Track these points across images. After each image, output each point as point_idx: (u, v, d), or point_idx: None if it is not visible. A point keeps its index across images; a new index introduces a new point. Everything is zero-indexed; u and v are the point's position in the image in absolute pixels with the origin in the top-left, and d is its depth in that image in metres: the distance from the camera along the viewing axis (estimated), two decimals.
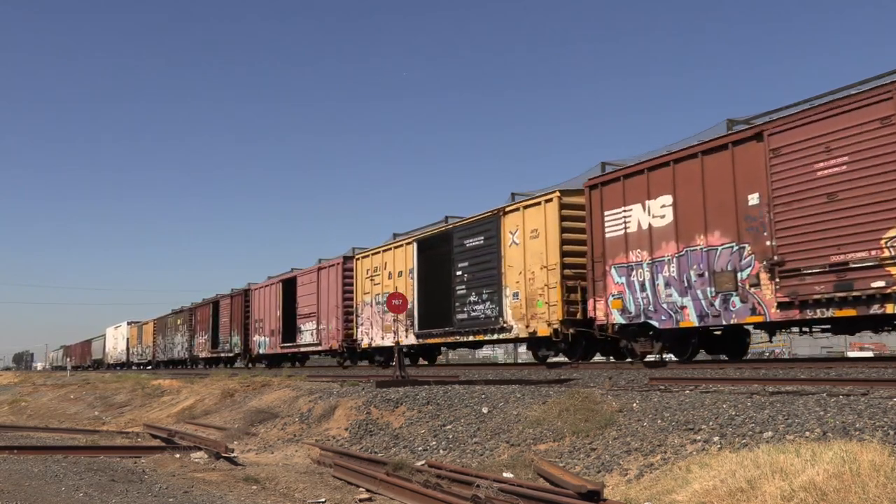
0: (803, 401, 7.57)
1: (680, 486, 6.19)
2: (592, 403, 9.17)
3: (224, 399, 18.33)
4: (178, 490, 8.49)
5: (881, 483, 5.20)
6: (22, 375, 66.99)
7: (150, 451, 11.62)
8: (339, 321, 26.85)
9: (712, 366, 14.23)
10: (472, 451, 9.28)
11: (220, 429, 14.83)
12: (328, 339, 27.75)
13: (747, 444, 6.72)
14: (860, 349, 45.82)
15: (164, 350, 52.91)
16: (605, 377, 12.75)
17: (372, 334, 25.07)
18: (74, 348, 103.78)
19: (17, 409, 28.55)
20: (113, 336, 73.36)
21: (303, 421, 13.45)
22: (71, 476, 9.06)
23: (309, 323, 29.38)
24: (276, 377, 18.83)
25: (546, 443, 8.66)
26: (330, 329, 27.64)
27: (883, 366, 11.23)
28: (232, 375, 22.40)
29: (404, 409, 11.69)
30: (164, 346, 52.79)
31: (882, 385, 8.28)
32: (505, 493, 6.70)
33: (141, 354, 60.45)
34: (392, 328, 23.19)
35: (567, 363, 17.45)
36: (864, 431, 6.32)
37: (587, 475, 7.39)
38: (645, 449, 7.53)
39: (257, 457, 11.55)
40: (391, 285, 23.41)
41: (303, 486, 8.81)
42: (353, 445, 11.12)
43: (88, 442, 13.47)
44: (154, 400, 22.91)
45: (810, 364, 12.87)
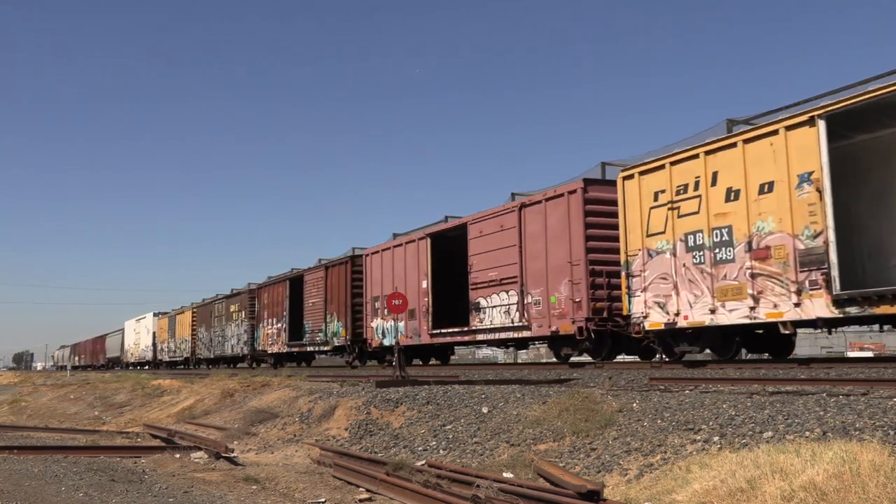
0: (803, 401, 7.57)
1: (680, 486, 6.19)
2: (592, 403, 9.17)
3: (224, 399, 18.33)
4: (178, 490, 8.49)
5: (881, 483, 5.20)
6: (22, 375, 65.40)
7: (150, 451, 11.62)
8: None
9: (712, 366, 14.23)
10: (472, 451, 9.28)
11: (220, 429, 14.84)
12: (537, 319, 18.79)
13: (747, 444, 6.72)
14: (860, 349, 45.84)
15: (209, 345, 42.99)
16: (604, 377, 12.75)
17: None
18: (83, 346, 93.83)
19: (17, 409, 28.56)
20: (134, 330, 62.71)
21: (303, 421, 13.45)
22: (71, 476, 9.06)
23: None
24: (276, 377, 18.84)
25: (546, 443, 8.66)
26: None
27: (883, 366, 11.23)
28: (232, 375, 22.40)
29: (404, 409, 11.69)
30: (210, 340, 42.68)
31: (882, 385, 8.28)
32: (505, 493, 6.70)
33: (174, 351, 50.48)
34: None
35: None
36: (864, 431, 6.32)
37: (587, 475, 7.39)
38: (645, 449, 7.54)
39: (257, 457, 11.55)
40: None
41: (303, 486, 8.81)
42: (353, 445, 11.12)
43: (88, 442, 13.47)
44: (154, 400, 22.92)
45: (810, 364, 12.87)
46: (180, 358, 48.85)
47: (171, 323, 51.83)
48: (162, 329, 54.47)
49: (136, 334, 61.90)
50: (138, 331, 61.37)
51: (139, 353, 60.11)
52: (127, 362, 64.06)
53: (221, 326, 41.16)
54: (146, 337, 57.87)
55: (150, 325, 56.95)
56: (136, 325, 62.40)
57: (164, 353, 53.33)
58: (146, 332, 58.06)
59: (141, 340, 59.84)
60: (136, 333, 61.97)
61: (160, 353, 54.44)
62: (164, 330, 54.06)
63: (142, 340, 59.50)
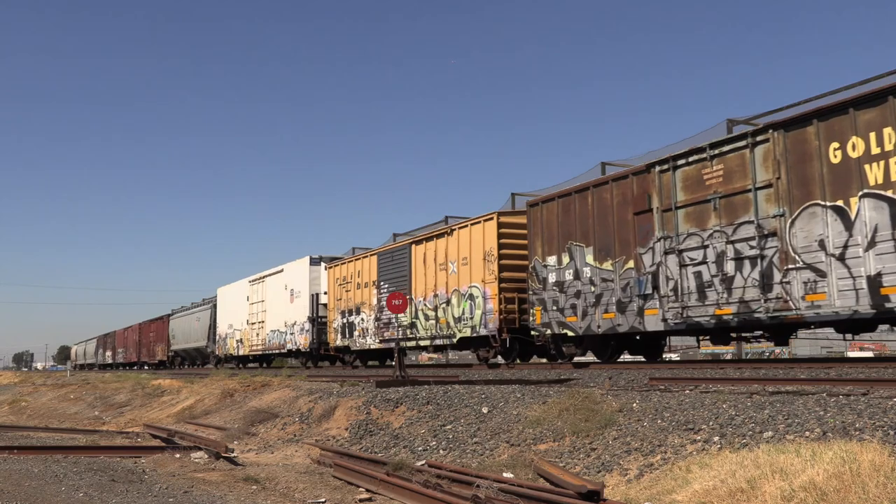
0: (803, 401, 7.57)
1: (680, 486, 6.19)
2: (592, 403, 9.17)
3: (224, 399, 18.34)
4: (178, 490, 8.49)
5: (881, 483, 5.20)
6: (22, 375, 64.32)
7: (150, 451, 11.62)
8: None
9: (712, 366, 14.24)
10: (472, 451, 9.28)
11: (220, 429, 14.84)
12: None
13: (747, 444, 6.72)
14: (860, 349, 45.84)
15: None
16: (604, 377, 12.75)
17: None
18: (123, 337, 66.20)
19: (17, 409, 28.57)
20: (247, 297, 36.19)
21: (303, 421, 13.45)
22: (71, 476, 9.06)
23: None
24: (276, 377, 18.85)
25: (546, 443, 8.66)
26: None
27: (883, 366, 11.23)
28: (232, 375, 22.41)
29: (404, 408, 11.69)
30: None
31: (882, 385, 8.28)
32: (505, 493, 6.70)
33: (365, 330, 25.51)
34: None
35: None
36: (864, 431, 6.32)
37: (587, 475, 7.39)
38: (645, 449, 7.54)
39: (257, 457, 11.55)
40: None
41: (303, 486, 8.81)
42: (353, 445, 11.12)
43: (88, 442, 13.47)
44: (154, 400, 22.92)
45: (810, 364, 12.87)
46: (375, 344, 24.77)
47: (354, 273, 26.60)
48: (334, 283, 28.11)
49: (258, 304, 34.85)
50: (261, 296, 34.42)
51: (265, 339, 33.96)
52: (226, 355, 38.79)
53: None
54: (289, 306, 31.30)
55: (298, 279, 30.68)
56: (253, 287, 35.65)
57: (344, 332, 27.03)
58: (288, 296, 31.48)
59: (274, 312, 32.94)
60: (257, 302, 34.92)
61: (336, 333, 27.71)
62: (336, 286, 27.83)
63: (275, 313, 32.76)
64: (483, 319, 19.31)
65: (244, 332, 37.54)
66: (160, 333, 54.66)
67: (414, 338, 22.58)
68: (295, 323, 31.34)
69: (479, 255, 19.57)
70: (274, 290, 33.73)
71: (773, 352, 44.51)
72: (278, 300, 33.13)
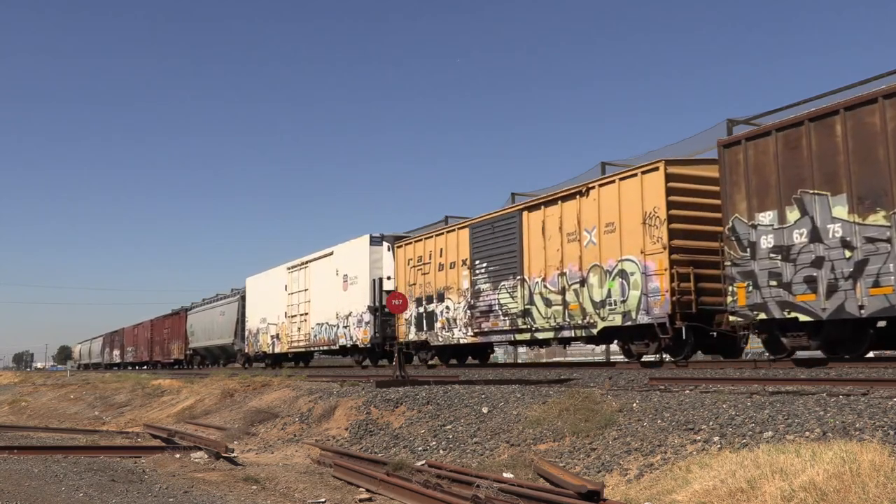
0: (803, 401, 7.57)
1: (680, 486, 6.19)
2: (592, 403, 9.17)
3: (224, 399, 18.34)
4: (178, 490, 8.49)
5: (881, 483, 5.20)
6: (22, 375, 63.52)
7: (150, 451, 11.62)
8: None
9: (712, 366, 14.24)
10: (472, 451, 9.29)
11: (220, 429, 14.84)
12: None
13: (747, 444, 6.72)
14: None
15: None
16: (605, 377, 12.75)
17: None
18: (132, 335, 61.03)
19: (17, 409, 28.57)
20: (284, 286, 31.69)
21: (303, 421, 13.46)
22: (71, 476, 9.06)
23: None
24: (276, 377, 18.85)
25: (546, 443, 8.66)
26: None
27: (883, 366, 11.23)
28: (232, 375, 22.41)
29: (404, 409, 11.69)
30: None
31: (882, 385, 8.28)
32: (505, 493, 6.70)
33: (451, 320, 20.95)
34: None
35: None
36: (864, 431, 6.32)
37: (587, 475, 7.39)
38: (645, 449, 7.54)
39: (257, 457, 11.55)
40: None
41: (303, 486, 8.81)
42: (353, 445, 11.12)
43: (88, 442, 13.47)
44: (154, 400, 22.92)
45: (810, 364, 12.85)
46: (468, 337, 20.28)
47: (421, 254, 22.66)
48: (402, 264, 23.60)
49: (299, 293, 30.04)
50: (304, 283, 29.71)
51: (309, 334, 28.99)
52: (258, 353, 34.25)
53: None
54: (342, 294, 26.51)
55: (354, 262, 25.96)
56: (293, 275, 30.79)
57: (420, 323, 22.40)
58: (341, 283, 26.72)
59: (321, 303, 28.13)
60: (298, 292, 30.10)
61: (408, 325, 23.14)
62: (420, 268, 22.66)
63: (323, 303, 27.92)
64: (643, 303, 14.76)
65: (281, 327, 32.00)
66: (176, 330, 49.06)
67: (528, 329, 17.75)
68: (350, 314, 25.96)
69: (635, 219, 15.02)
70: (321, 276, 28.49)
71: None
72: (327, 288, 27.74)
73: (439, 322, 21.52)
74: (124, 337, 65.44)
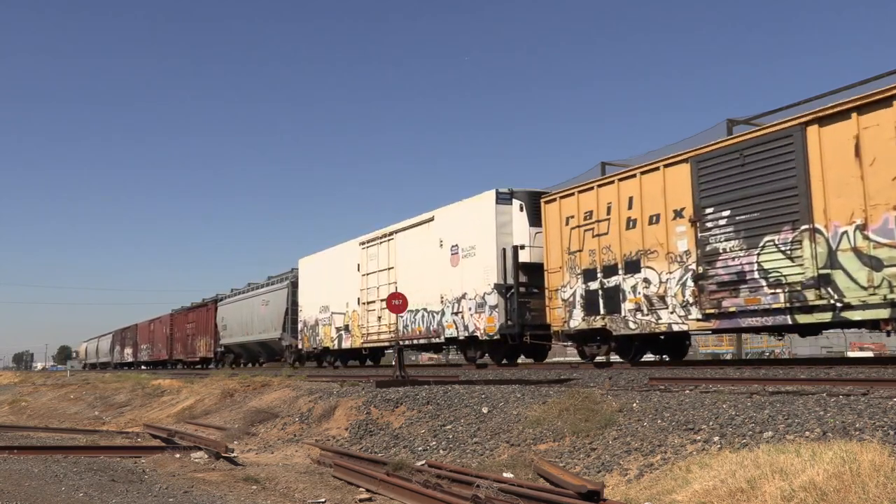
0: (803, 401, 7.58)
1: (680, 486, 6.19)
2: (592, 403, 9.17)
3: (224, 399, 18.34)
4: (178, 490, 8.49)
5: (881, 483, 5.20)
6: (22, 375, 63.06)
7: (150, 451, 11.62)
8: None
9: (712, 366, 14.24)
10: (472, 451, 9.29)
11: (220, 429, 14.84)
12: None
13: (747, 444, 6.72)
14: (860, 349, 45.87)
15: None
16: (605, 377, 12.75)
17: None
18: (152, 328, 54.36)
19: (17, 409, 28.57)
20: (367, 255, 25.23)
21: (303, 421, 13.46)
22: (71, 476, 9.06)
23: None
24: (276, 377, 18.85)
25: (546, 443, 8.66)
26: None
27: (883, 366, 11.24)
28: (232, 375, 22.42)
29: (404, 408, 11.69)
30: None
31: (882, 385, 8.28)
32: (505, 493, 6.70)
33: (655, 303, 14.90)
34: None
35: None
36: (864, 431, 6.32)
37: (587, 475, 7.40)
38: (645, 449, 7.54)
39: (257, 457, 11.56)
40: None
41: (303, 486, 8.81)
42: (353, 445, 11.12)
43: (88, 442, 13.47)
44: (154, 400, 22.93)
45: (810, 364, 12.88)
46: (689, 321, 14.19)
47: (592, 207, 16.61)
48: (580, 226, 16.82)
49: (380, 273, 24.41)
50: (387, 260, 24.09)
51: (392, 325, 23.34)
52: (318, 349, 28.53)
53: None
54: (449, 271, 20.76)
55: (470, 228, 19.99)
56: (370, 251, 25.16)
57: (589, 305, 16.48)
58: (446, 256, 20.99)
59: (414, 283, 22.12)
60: (379, 272, 24.47)
61: (567, 308, 17.05)
62: (588, 227, 16.60)
63: (417, 283, 22.01)
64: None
65: (352, 317, 25.88)
66: (202, 324, 42.58)
67: (827, 305, 11.79)
68: (463, 296, 19.85)
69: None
70: (414, 249, 22.34)
71: (773, 352, 44.54)
72: (424, 264, 21.71)
73: (630, 301, 15.48)
74: (138, 333, 59.33)
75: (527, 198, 18.90)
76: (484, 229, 19.27)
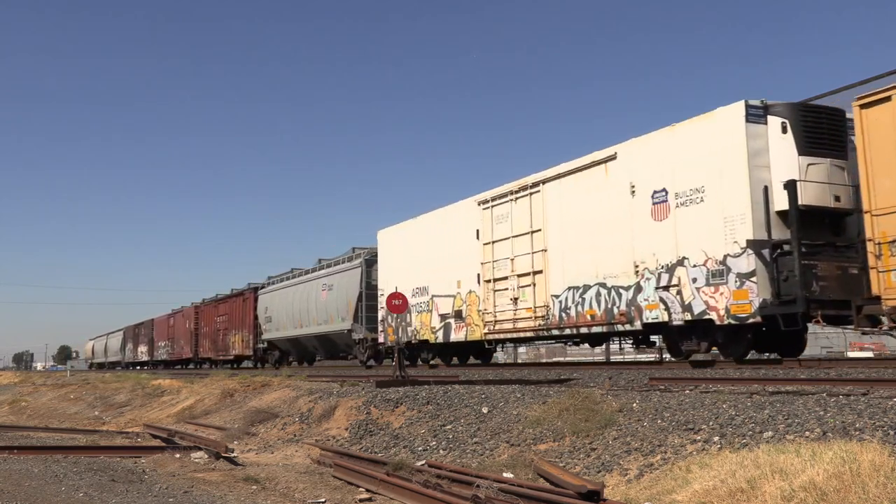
0: (803, 401, 7.58)
1: (680, 486, 6.19)
2: (592, 403, 9.17)
3: (224, 399, 18.34)
4: (178, 490, 8.49)
5: (881, 483, 5.20)
6: (22, 375, 63.00)
7: (150, 451, 11.62)
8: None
9: (712, 366, 14.24)
10: (472, 451, 9.29)
11: (220, 429, 14.84)
12: None
13: (747, 444, 6.72)
14: (860, 349, 45.84)
15: None
16: (605, 377, 12.75)
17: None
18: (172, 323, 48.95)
19: (17, 409, 28.57)
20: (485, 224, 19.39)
21: (303, 421, 13.46)
22: (71, 476, 9.06)
23: None
24: (276, 377, 18.85)
25: (546, 443, 8.66)
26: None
27: (883, 366, 11.24)
28: (232, 375, 22.41)
29: (404, 409, 11.69)
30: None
31: (882, 385, 8.28)
32: (505, 493, 6.70)
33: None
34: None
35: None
36: (864, 431, 6.32)
37: (587, 475, 7.40)
38: (645, 449, 7.54)
39: (257, 457, 11.56)
40: None
41: (303, 486, 8.81)
42: (353, 445, 11.12)
43: (88, 442, 13.47)
44: (154, 400, 22.92)
45: (810, 364, 12.87)
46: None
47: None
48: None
49: (511, 240, 18.56)
50: (529, 222, 18.00)
51: (550, 305, 17.04)
52: (415, 341, 22.76)
53: None
54: (651, 227, 14.79)
55: (693, 163, 13.94)
56: (497, 211, 19.23)
57: None
58: (644, 207, 14.94)
59: (577, 251, 16.49)
60: (514, 237, 18.47)
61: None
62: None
63: (583, 251, 16.36)
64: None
65: (468, 299, 19.98)
66: (238, 318, 36.76)
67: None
68: (680, 262, 14.19)
69: None
70: (578, 201, 16.64)
71: None
72: (599, 221, 16.03)
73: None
74: (155, 329, 53.77)
75: (792, 113, 13.14)
76: (723, 161, 13.42)
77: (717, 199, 13.50)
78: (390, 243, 24.52)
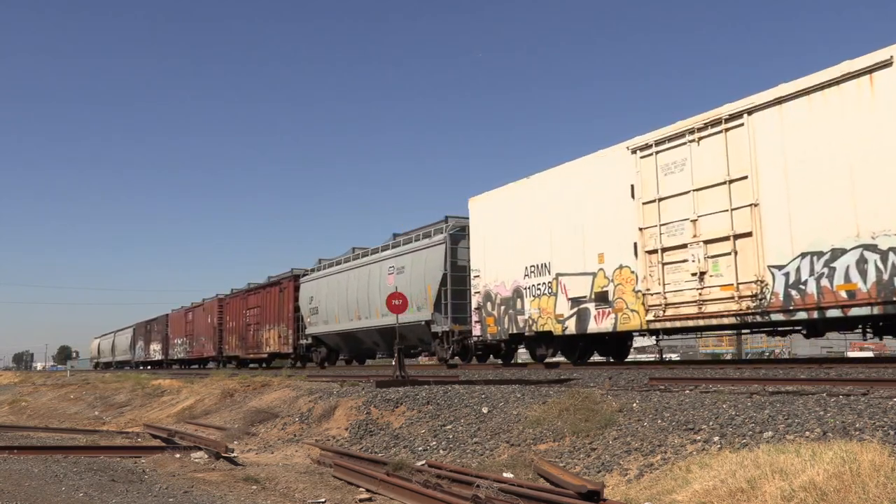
0: (803, 401, 7.58)
1: (680, 486, 6.19)
2: (592, 403, 9.17)
3: (224, 399, 18.34)
4: (178, 490, 8.49)
5: (881, 483, 5.20)
6: (22, 375, 62.10)
7: (150, 451, 11.62)
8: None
9: (712, 366, 14.25)
10: (472, 451, 9.29)
11: (220, 429, 14.84)
12: None
13: (747, 444, 6.72)
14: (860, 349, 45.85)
15: None
16: (605, 377, 12.75)
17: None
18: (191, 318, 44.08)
19: (17, 409, 28.57)
20: (637, 177, 14.79)
21: (303, 421, 13.46)
22: (71, 476, 9.06)
23: None
24: (276, 377, 18.85)
25: (546, 443, 8.66)
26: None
27: (883, 366, 11.24)
28: (232, 375, 22.41)
29: (404, 408, 11.69)
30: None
31: (882, 385, 8.28)
32: (505, 493, 6.70)
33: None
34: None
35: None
36: (864, 431, 6.32)
37: (587, 475, 7.40)
38: (645, 449, 7.54)
39: (257, 457, 11.56)
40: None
41: (303, 486, 8.81)
42: (353, 445, 11.12)
43: (88, 442, 13.47)
44: (154, 400, 22.92)
45: (810, 364, 12.87)
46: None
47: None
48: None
49: (692, 194, 13.83)
50: (725, 167, 13.29)
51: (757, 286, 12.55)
52: (531, 332, 17.75)
53: None
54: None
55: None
56: (667, 157, 14.35)
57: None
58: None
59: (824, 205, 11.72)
60: (690, 192, 13.87)
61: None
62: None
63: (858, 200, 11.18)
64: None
65: (619, 277, 15.53)
66: (274, 309, 32.32)
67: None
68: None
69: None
70: (817, 134, 12.05)
71: (773, 352, 44.55)
72: (861, 156, 11.42)
73: None
74: (169, 325, 48.68)
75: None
76: None
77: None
78: (488, 213, 19.60)
